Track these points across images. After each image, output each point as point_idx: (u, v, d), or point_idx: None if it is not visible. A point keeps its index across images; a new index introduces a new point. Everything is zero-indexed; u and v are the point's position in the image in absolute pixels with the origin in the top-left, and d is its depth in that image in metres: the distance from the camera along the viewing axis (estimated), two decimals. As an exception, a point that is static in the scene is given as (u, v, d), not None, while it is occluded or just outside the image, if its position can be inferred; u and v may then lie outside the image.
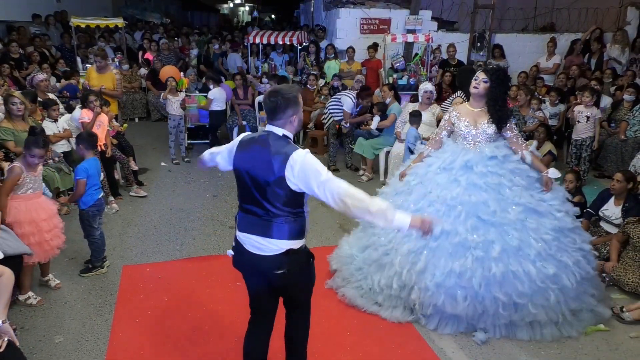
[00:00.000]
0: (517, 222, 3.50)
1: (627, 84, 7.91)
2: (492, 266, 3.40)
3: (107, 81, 6.83)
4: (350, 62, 9.61)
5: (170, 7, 24.07)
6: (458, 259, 3.46)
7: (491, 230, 3.48)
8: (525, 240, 3.48)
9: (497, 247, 3.43)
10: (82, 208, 4.28)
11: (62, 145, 6.03)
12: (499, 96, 3.70)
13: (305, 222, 2.65)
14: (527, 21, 11.96)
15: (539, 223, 3.54)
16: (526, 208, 3.55)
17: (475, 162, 3.68)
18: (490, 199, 3.54)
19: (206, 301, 4.01)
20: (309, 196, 2.56)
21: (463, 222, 3.50)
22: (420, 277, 3.54)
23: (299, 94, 2.59)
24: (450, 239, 3.49)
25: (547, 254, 3.49)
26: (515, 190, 3.58)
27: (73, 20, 10.02)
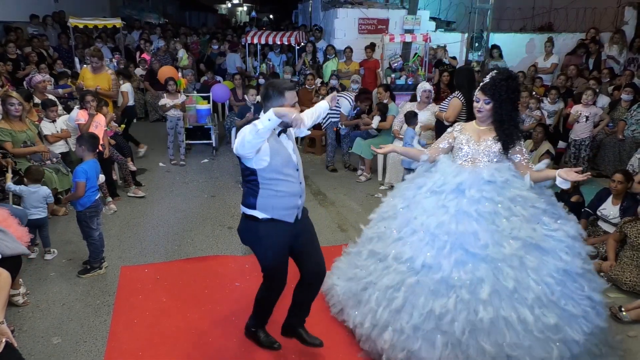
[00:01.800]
0: (514, 259, 2.96)
1: (625, 83, 7.92)
2: (479, 309, 2.87)
3: (102, 82, 6.82)
4: (348, 62, 9.62)
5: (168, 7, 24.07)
6: (439, 299, 2.96)
7: (481, 266, 2.95)
8: (523, 281, 2.92)
9: (486, 288, 2.89)
10: (79, 210, 4.27)
11: (60, 145, 6.02)
12: (505, 115, 3.18)
13: (259, 197, 3.00)
14: (525, 21, 11.99)
15: (542, 262, 2.99)
16: (526, 243, 2.99)
17: (469, 184, 3.14)
18: (482, 230, 3.00)
19: (205, 302, 4.00)
20: (267, 171, 2.94)
21: (447, 256, 3.00)
22: (395, 317, 3.08)
23: (289, 89, 2.94)
24: (432, 275, 2.99)
25: (549, 300, 2.92)
26: (514, 222, 3.02)
27: (71, 20, 10.02)
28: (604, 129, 7.43)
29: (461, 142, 3.33)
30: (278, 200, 3.00)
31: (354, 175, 7.38)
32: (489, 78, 3.20)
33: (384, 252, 3.21)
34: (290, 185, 3.02)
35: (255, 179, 3.00)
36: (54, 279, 4.36)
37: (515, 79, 3.21)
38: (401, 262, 3.08)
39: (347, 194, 6.62)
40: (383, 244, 3.26)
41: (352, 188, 6.89)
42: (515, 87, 3.17)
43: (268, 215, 3.02)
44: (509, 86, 3.13)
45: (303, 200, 3.16)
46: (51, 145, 5.86)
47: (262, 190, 3.00)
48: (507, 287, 2.89)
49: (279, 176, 2.98)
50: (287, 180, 3.01)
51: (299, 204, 3.10)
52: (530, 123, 7.25)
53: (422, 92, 6.71)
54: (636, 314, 3.89)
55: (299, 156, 3.16)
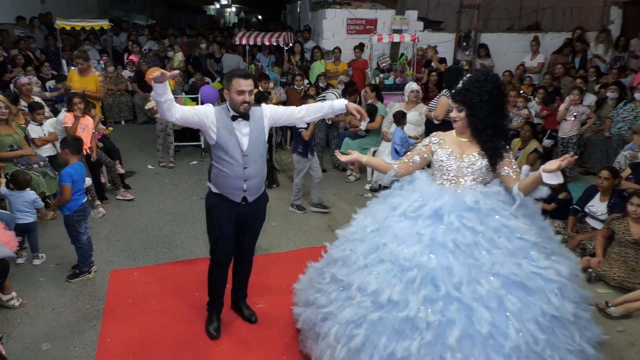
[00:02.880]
0: (492, 299, 2.53)
1: (611, 81, 8.01)
2: (446, 356, 2.49)
3: (89, 83, 6.77)
4: (336, 62, 9.63)
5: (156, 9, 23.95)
6: (403, 340, 2.58)
7: (452, 306, 2.54)
8: (500, 326, 2.49)
9: (455, 331, 2.49)
10: (66, 214, 4.24)
11: (47, 149, 5.96)
12: (480, 122, 2.81)
13: (211, 171, 3.33)
14: (513, 21, 12.07)
15: (525, 304, 2.54)
16: (508, 281, 2.57)
17: (448, 210, 2.75)
18: (458, 265, 2.61)
19: (195, 304, 3.98)
20: (215, 148, 3.24)
21: (416, 292, 2.60)
22: (354, 357, 2.73)
23: (231, 75, 3.18)
24: (397, 312, 2.61)
25: (531, 350, 2.47)
26: (496, 256, 2.61)
27: (58, 22, 9.92)
28: (591, 126, 7.50)
29: (441, 158, 2.92)
30: (222, 179, 3.29)
31: (343, 176, 7.39)
32: (460, 83, 2.89)
33: (348, 280, 2.87)
34: (233, 168, 3.23)
35: (211, 155, 3.34)
36: (43, 284, 4.32)
37: (491, 80, 2.81)
38: (365, 294, 2.73)
39: (336, 194, 6.63)
40: (347, 270, 2.91)
41: (342, 188, 6.90)
42: (491, 89, 2.78)
43: (217, 190, 3.35)
44: (483, 89, 2.77)
45: (252, 185, 3.31)
46: (38, 148, 5.80)
47: (213, 167, 3.33)
48: (480, 332, 2.48)
49: (224, 157, 3.23)
50: (230, 162, 3.23)
51: (244, 187, 3.29)
52: (518, 122, 7.31)
53: (410, 93, 6.74)
54: (624, 308, 3.94)
55: (260, 143, 3.30)
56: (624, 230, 4.40)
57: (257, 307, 3.95)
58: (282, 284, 4.28)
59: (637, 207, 4.28)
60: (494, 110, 2.81)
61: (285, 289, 4.16)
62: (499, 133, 2.84)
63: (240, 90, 3.13)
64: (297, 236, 5.36)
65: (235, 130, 3.22)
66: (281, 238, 5.31)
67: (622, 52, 9.70)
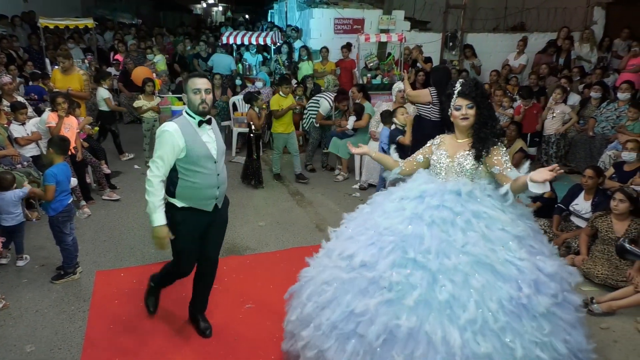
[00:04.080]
0: (458, 274, 2.55)
1: (594, 82, 8.11)
2: (401, 316, 2.51)
3: (73, 82, 6.69)
4: (324, 62, 9.63)
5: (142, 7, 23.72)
6: (365, 299, 2.65)
7: (417, 273, 2.59)
8: (461, 298, 2.50)
9: (414, 294, 2.53)
10: (51, 214, 4.18)
11: (30, 149, 5.88)
12: (488, 117, 2.94)
13: (177, 186, 3.18)
14: (498, 21, 12.17)
15: (492, 286, 2.52)
16: (477, 261, 2.57)
17: (431, 193, 2.87)
18: (430, 236, 2.67)
19: (183, 304, 3.94)
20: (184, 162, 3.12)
21: (386, 256, 2.70)
22: (319, 312, 2.82)
23: (187, 77, 3.20)
24: (366, 273, 2.71)
25: (488, 328, 2.45)
26: (470, 237, 2.63)
27: (41, 20, 9.79)
28: (574, 126, 7.59)
29: (435, 158, 3.05)
30: (195, 191, 3.16)
31: (331, 175, 7.40)
32: (461, 83, 2.95)
33: (333, 247, 3.04)
34: (207, 177, 3.16)
35: (175, 169, 3.15)
36: (27, 285, 4.26)
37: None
38: (342, 257, 2.88)
39: (324, 194, 6.63)
40: (335, 241, 3.08)
41: (330, 188, 6.91)
42: (485, 90, 3.05)
43: (186, 204, 3.20)
44: (483, 88, 3.01)
45: (222, 190, 3.31)
46: (22, 148, 5.72)
47: (181, 180, 3.15)
48: (439, 300, 2.50)
49: (195, 168, 3.12)
50: (202, 172, 3.14)
51: (217, 194, 3.25)
52: (504, 122, 7.37)
53: (397, 92, 6.76)
54: (607, 306, 3.99)
55: (222, 146, 3.31)
56: (607, 228, 4.47)
57: (245, 307, 3.94)
58: (270, 283, 4.27)
59: (619, 202, 4.34)
60: (491, 108, 3.00)
61: (273, 288, 4.16)
62: (493, 128, 2.94)
63: (195, 88, 3.09)
64: (285, 236, 5.35)
65: (203, 139, 3.15)
66: (269, 238, 5.29)
67: (605, 52, 9.84)
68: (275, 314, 3.69)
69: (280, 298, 3.27)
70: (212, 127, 3.26)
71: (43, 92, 7.71)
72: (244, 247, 5.06)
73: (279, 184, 7.10)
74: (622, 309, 3.99)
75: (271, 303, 3.86)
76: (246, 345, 3.50)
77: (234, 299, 4.02)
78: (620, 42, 9.63)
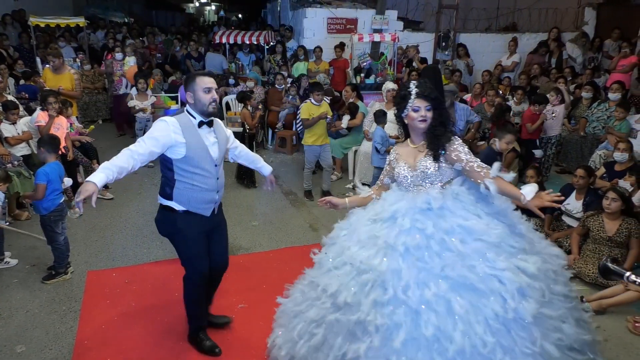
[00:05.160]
0: (440, 303, 2.49)
1: (585, 82, 8.17)
2: (391, 358, 2.51)
3: (64, 81, 6.64)
4: (318, 61, 9.63)
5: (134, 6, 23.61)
6: (354, 342, 2.62)
7: (400, 310, 2.53)
8: (447, 330, 2.45)
9: (401, 335, 2.49)
10: (43, 214, 4.16)
11: (21, 148, 5.83)
12: (446, 117, 2.85)
13: (175, 188, 3.05)
14: (490, 21, 12.23)
15: (476, 308, 2.47)
16: (456, 284, 2.52)
17: (403, 213, 2.76)
18: (406, 268, 2.59)
19: (175, 305, 3.93)
20: (183, 162, 3.00)
21: (367, 295, 2.62)
22: (313, 354, 2.81)
23: (193, 75, 3.05)
24: (350, 315, 2.64)
25: (478, 354, 2.40)
26: (446, 258, 2.57)
27: (32, 19, 9.72)
28: (566, 126, 7.64)
29: (398, 172, 2.92)
30: (194, 193, 3.06)
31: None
32: (417, 84, 2.84)
33: (316, 281, 2.95)
34: (206, 181, 3.06)
35: (172, 170, 3.04)
36: (17, 285, 4.23)
37: (438, 70, 2.88)
38: (326, 295, 2.80)
39: (318, 194, 6.62)
40: (318, 272, 2.98)
41: (323, 187, 6.90)
42: (439, 77, 2.90)
43: (184, 207, 3.08)
44: (437, 80, 2.94)
45: (221, 195, 3.24)
46: (12, 147, 5.67)
47: (178, 182, 3.04)
48: (425, 336, 2.45)
49: (195, 170, 3.02)
50: (203, 175, 3.05)
51: (216, 198, 3.18)
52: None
53: (387, 92, 6.78)
54: (597, 304, 4.03)
55: (223, 152, 3.23)
56: (598, 227, 4.50)
57: (238, 307, 3.93)
58: (263, 283, 4.27)
59: (611, 201, 4.37)
60: (447, 111, 2.88)
61: (266, 288, 4.16)
62: (447, 122, 2.84)
63: (207, 87, 2.98)
64: (278, 235, 5.35)
65: (204, 140, 3.05)
66: (262, 237, 5.29)
67: (596, 52, 9.92)
68: (268, 313, 3.68)
69: (273, 298, 3.27)
70: (216, 128, 3.16)
71: (35, 90, 7.66)
72: (237, 246, 5.05)
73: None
74: (612, 307, 4.02)
75: (264, 303, 3.85)
76: (239, 345, 3.50)
77: (227, 298, 4.01)
78: (611, 42, 9.70)
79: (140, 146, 2.89)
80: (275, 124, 8.57)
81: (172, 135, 2.93)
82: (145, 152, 2.89)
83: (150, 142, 2.90)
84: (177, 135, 2.94)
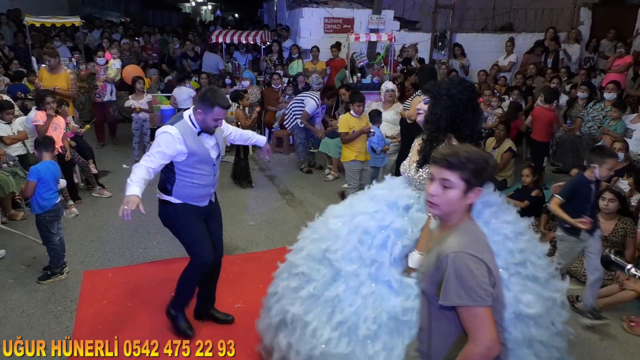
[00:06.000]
0: (353, 280, 2.66)
1: (581, 82, 8.20)
2: (294, 304, 2.81)
3: (60, 81, 6.63)
4: (315, 61, 9.64)
5: (130, 6, 23.53)
6: (277, 281, 3.12)
7: (322, 268, 2.82)
8: (345, 301, 2.62)
9: (309, 287, 2.78)
10: (38, 212, 4.14)
11: (17, 148, 5.81)
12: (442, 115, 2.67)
13: (175, 185, 3.27)
14: (486, 21, 12.25)
15: (381, 297, 2.57)
16: (374, 275, 2.63)
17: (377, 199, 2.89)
18: (345, 240, 2.77)
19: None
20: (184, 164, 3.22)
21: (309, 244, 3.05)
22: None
23: (221, 106, 3.16)
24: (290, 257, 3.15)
25: (355, 335, 2.55)
26: (380, 256, 2.68)
27: (27, 19, 9.68)
28: (562, 126, 7.67)
29: (403, 163, 2.96)
30: (192, 190, 3.29)
31: (322, 174, 7.40)
32: None
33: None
34: (205, 179, 3.31)
35: (173, 170, 3.26)
36: (12, 285, 4.21)
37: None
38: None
39: (315, 193, 6.63)
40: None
41: (320, 187, 6.91)
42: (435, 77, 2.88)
43: (181, 201, 3.32)
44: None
45: (216, 188, 3.50)
46: (7, 147, 5.65)
47: (179, 180, 3.26)
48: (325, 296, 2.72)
49: (194, 170, 3.25)
50: (202, 174, 3.28)
51: (212, 192, 3.45)
52: (493, 122, 7.42)
53: (385, 92, 6.78)
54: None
55: (222, 148, 3.50)
56: (594, 226, 4.51)
57: (234, 307, 3.93)
58: (259, 283, 4.25)
59: (608, 201, 4.38)
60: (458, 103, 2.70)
61: (263, 288, 4.12)
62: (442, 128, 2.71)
63: (217, 119, 3.20)
64: (275, 235, 5.35)
65: (205, 144, 3.27)
66: (259, 237, 5.28)
67: (592, 52, 9.95)
68: (264, 313, 3.67)
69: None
70: (218, 133, 3.39)
71: (25, 89, 7.63)
72: (234, 246, 5.04)
73: (269, 183, 7.08)
74: (607, 306, 4.03)
75: (261, 302, 3.84)
76: (236, 345, 3.48)
77: (224, 298, 4.00)
78: (607, 42, 9.74)
79: (152, 162, 3.14)
80: (272, 123, 8.56)
81: (177, 147, 3.15)
82: (157, 166, 3.16)
83: (159, 156, 3.14)
84: (181, 146, 3.15)
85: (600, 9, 11.16)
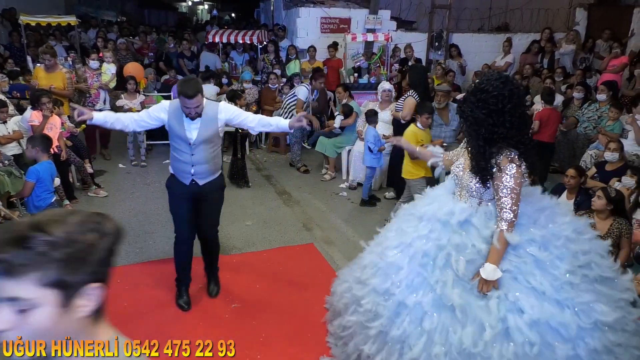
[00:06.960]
0: (416, 312, 2.66)
1: (577, 82, 8.23)
2: (367, 342, 2.90)
3: (56, 80, 6.59)
4: (312, 61, 9.63)
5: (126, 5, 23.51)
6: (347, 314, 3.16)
7: (388, 303, 2.82)
8: (410, 336, 2.65)
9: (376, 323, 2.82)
10: (34, 212, 4.12)
11: (12, 147, 5.78)
12: (480, 124, 2.50)
13: (170, 156, 3.82)
14: (483, 21, 12.28)
15: (445, 329, 2.56)
16: (437, 302, 2.61)
17: (427, 217, 2.81)
18: (407, 268, 2.75)
19: (168, 305, 3.93)
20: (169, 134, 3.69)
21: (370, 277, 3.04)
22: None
23: (180, 91, 3.44)
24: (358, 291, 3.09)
25: None
26: (444, 275, 2.64)
27: (22, 18, 9.64)
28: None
29: (453, 168, 2.82)
30: (175, 162, 3.75)
31: (318, 174, 7.40)
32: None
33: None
34: (182, 155, 3.66)
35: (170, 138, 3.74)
36: (8, 286, 4.19)
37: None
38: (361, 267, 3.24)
39: (311, 193, 6.63)
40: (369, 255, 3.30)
41: (317, 187, 6.91)
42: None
43: (172, 171, 3.81)
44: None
45: (200, 170, 3.70)
46: (3, 147, 5.62)
47: (171, 148, 3.76)
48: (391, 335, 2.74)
49: (174, 143, 3.69)
50: (179, 149, 3.66)
51: (192, 171, 3.70)
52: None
53: (382, 92, 6.78)
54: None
55: (207, 135, 3.61)
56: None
57: (231, 307, 3.92)
58: (256, 283, 4.26)
59: (596, 198, 4.38)
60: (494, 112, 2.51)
61: (259, 288, 4.15)
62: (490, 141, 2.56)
63: (185, 106, 3.48)
64: (272, 235, 5.34)
65: (185, 123, 3.58)
66: (256, 237, 5.28)
67: (587, 53, 9.99)
68: (260, 313, 3.68)
69: (266, 298, 3.27)
70: (204, 119, 3.57)
71: (26, 88, 7.59)
72: (231, 246, 5.03)
73: (266, 183, 7.08)
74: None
75: (258, 303, 3.85)
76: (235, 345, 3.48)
77: (220, 298, 4.00)
78: (602, 42, 9.78)
79: (139, 115, 3.70)
80: (269, 123, 8.54)
81: (161, 115, 3.62)
82: (139, 120, 3.66)
83: (146, 113, 3.67)
84: (164, 115, 3.61)
85: (595, 9, 11.22)
